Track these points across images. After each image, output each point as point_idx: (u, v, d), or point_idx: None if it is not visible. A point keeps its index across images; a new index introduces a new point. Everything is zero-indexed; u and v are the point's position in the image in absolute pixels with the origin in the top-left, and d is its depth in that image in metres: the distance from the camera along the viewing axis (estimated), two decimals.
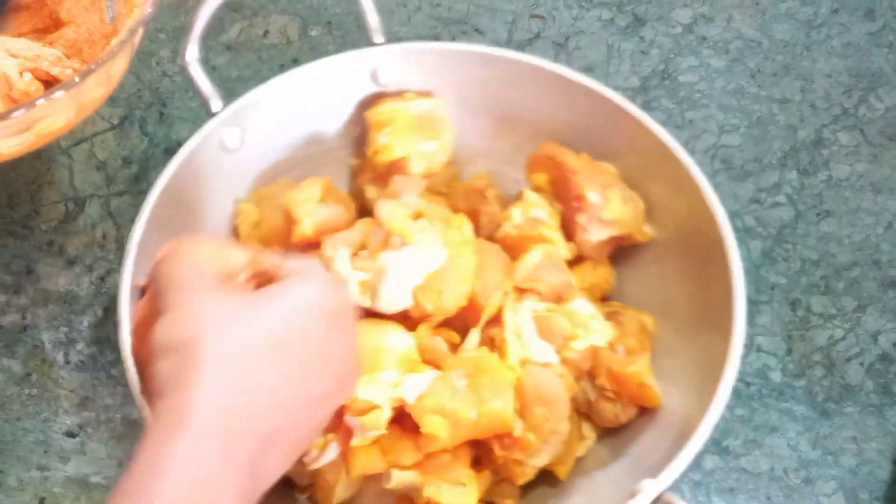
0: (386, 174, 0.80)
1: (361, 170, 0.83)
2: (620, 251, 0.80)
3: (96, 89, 0.78)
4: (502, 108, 0.84)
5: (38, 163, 0.90)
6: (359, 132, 0.84)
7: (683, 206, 0.77)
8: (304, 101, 0.82)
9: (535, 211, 0.78)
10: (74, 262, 0.86)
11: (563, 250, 0.77)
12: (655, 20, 1.00)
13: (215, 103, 0.79)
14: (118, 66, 0.79)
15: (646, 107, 0.92)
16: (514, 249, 0.77)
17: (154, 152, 0.91)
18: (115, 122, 0.93)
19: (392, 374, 0.70)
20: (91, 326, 0.83)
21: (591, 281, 0.78)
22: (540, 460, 0.72)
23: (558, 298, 0.75)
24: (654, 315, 0.78)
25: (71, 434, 0.79)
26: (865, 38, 0.99)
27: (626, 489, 0.67)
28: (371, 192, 0.81)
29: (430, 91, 0.83)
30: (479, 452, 0.72)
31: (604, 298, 0.80)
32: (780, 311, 0.85)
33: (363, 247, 0.74)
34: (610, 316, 0.76)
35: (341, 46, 0.96)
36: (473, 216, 0.78)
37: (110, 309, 0.84)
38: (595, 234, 0.77)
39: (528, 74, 0.81)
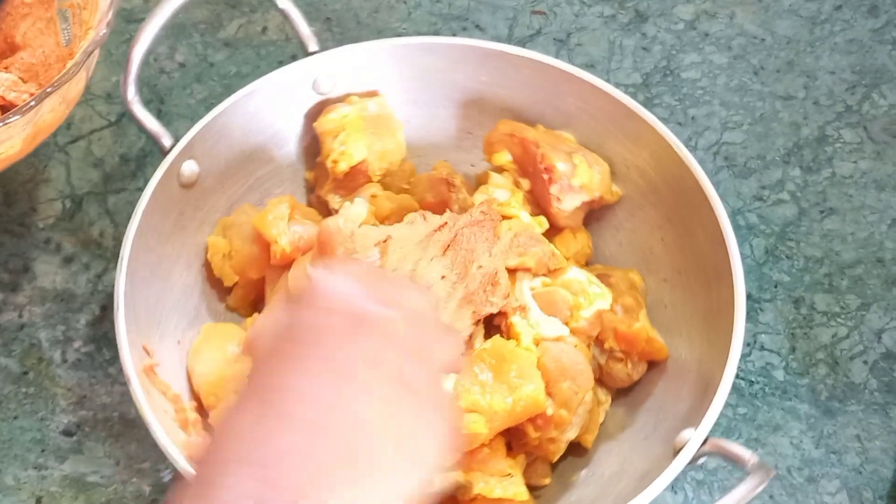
0: (346, 181, 0.80)
1: (319, 181, 0.82)
2: (590, 214, 0.81)
3: (53, 112, 0.77)
4: (445, 95, 0.84)
5: (35, 160, 0.90)
6: (308, 144, 0.83)
7: (647, 158, 0.79)
8: (250, 123, 0.80)
9: (496, 192, 0.78)
10: (72, 259, 0.85)
11: (533, 225, 0.78)
12: (657, 16, 0.99)
13: (166, 140, 0.77)
14: (75, 89, 0.79)
15: (648, 103, 0.92)
16: None
17: (152, 149, 0.91)
18: (112, 120, 0.92)
19: None
20: (88, 325, 0.83)
21: (575, 249, 0.79)
22: (571, 433, 0.72)
23: (548, 270, 0.75)
24: (643, 271, 0.79)
25: (68, 433, 0.79)
26: (869, 34, 0.98)
27: (657, 444, 0.70)
28: (335, 201, 0.80)
29: (373, 91, 0.82)
30: (510, 438, 0.73)
31: (586, 264, 0.80)
32: (784, 309, 0.84)
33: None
34: (600, 279, 0.77)
35: (340, 42, 0.95)
36: (442, 207, 0.78)
37: (107, 307, 0.83)
38: (569, 202, 0.78)
39: (470, 56, 0.82)
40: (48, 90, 0.73)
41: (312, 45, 0.81)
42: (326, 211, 0.80)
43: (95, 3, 0.82)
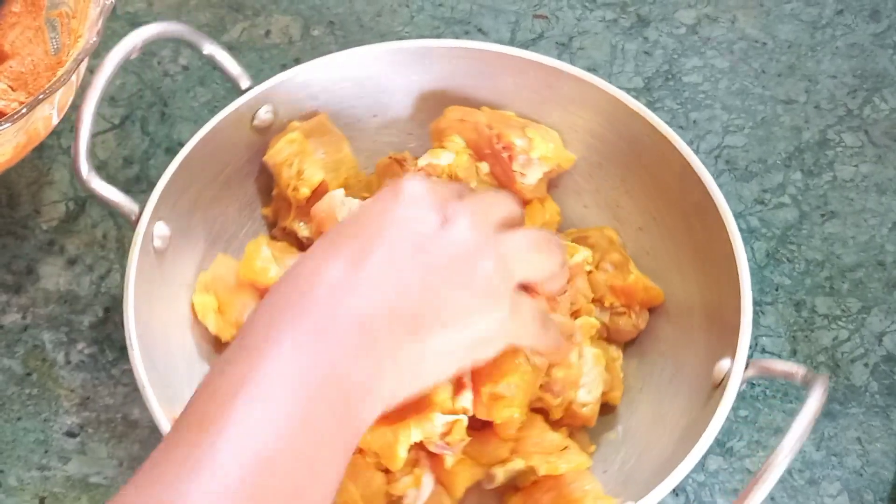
0: (309, 205, 0.79)
1: (280, 213, 0.81)
2: (549, 185, 0.82)
3: (44, 120, 0.77)
4: (375, 99, 0.84)
5: (38, 163, 0.90)
6: (260, 180, 0.82)
7: (593, 117, 0.81)
8: (203, 173, 0.78)
9: (440, 157, 0.79)
10: (75, 261, 0.86)
11: None
12: (659, 21, 0.99)
13: (130, 209, 0.75)
14: (66, 97, 0.79)
15: (650, 107, 0.91)
16: None
17: (155, 152, 0.91)
18: (116, 122, 0.93)
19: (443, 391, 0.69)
20: (91, 326, 0.83)
21: (546, 217, 0.81)
22: (594, 390, 0.74)
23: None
24: (615, 224, 0.82)
25: (71, 434, 0.79)
26: (870, 38, 0.98)
27: (686, 384, 0.72)
28: (304, 229, 0.79)
29: (313, 111, 0.82)
30: (545, 417, 0.74)
31: (557, 231, 0.82)
32: (785, 312, 0.84)
33: None
34: (578, 242, 0.78)
35: (343, 46, 0.96)
36: None
37: (111, 309, 0.83)
38: (532, 175, 0.79)
39: (396, 57, 0.82)
40: (40, 97, 0.73)
41: (245, 82, 0.80)
42: (297, 241, 0.80)
43: (84, 12, 0.82)
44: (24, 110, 0.73)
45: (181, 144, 0.77)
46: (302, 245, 0.80)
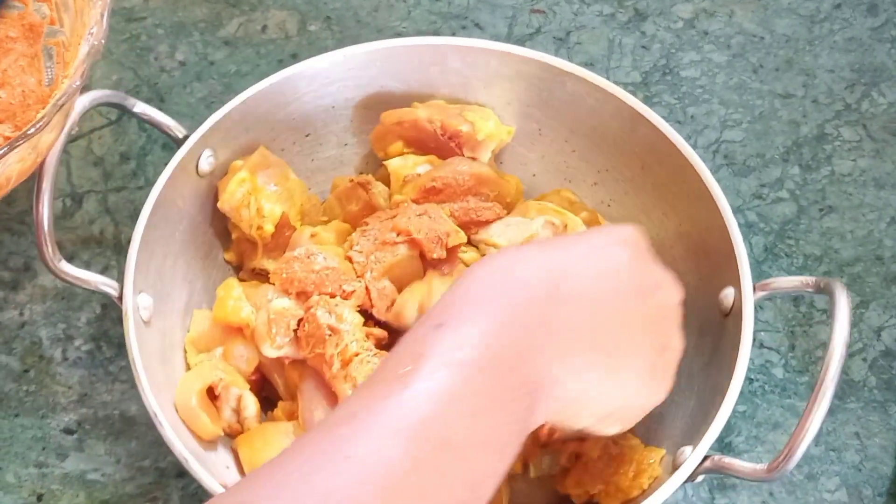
0: (274, 241, 0.78)
1: (246, 255, 0.80)
2: (494, 160, 0.83)
3: (22, 163, 0.73)
4: (304, 119, 0.83)
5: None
6: (217, 228, 0.81)
7: (520, 84, 0.82)
8: (160, 237, 0.76)
9: (417, 168, 0.80)
10: (73, 257, 0.85)
11: None
12: (657, 15, 0.99)
13: (109, 287, 0.73)
14: (48, 138, 0.74)
15: (647, 102, 0.92)
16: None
17: (152, 148, 0.91)
18: (112, 118, 0.92)
19: None
20: (89, 323, 0.83)
21: (513, 190, 0.81)
22: None
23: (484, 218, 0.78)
24: (568, 186, 0.83)
25: (69, 431, 0.79)
26: (868, 33, 0.98)
27: (691, 319, 0.70)
28: (271, 264, 0.78)
29: (254, 146, 0.80)
30: None
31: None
32: (783, 308, 0.84)
33: None
34: (542, 211, 0.78)
35: (340, 42, 0.96)
36: (371, 209, 0.79)
37: (108, 305, 0.83)
38: (483, 156, 0.81)
39: (316, 74, 0.81)
40: (9, 147, 0.68)
41: (180, 132, 0.78)
42: (267, 279, 0.79)
43: (76, 47, 0.78)
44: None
45: (176, 141, 0.77)
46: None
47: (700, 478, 0.67)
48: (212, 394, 0.74)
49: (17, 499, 0.76)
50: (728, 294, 0.73)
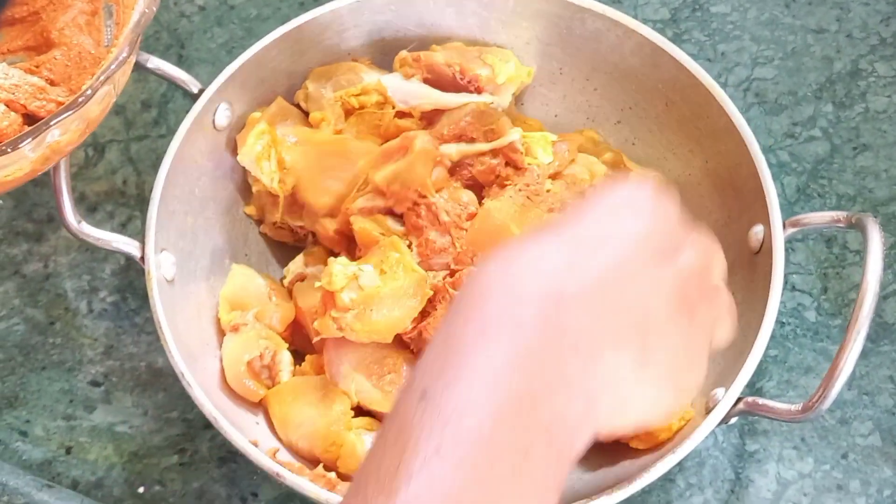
0: (292, 197, 0.77)
1: (267, 209, 0.79)
2: (515, 101, 0.82)
3: (69, 134, 0.70)
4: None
5: None
6: (237, 182, 0.80)
7: (540, 24, 0.81)
8: (180, 194, 0.76)
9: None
10: (95, 208, 0.85)
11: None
12: None
13: (130, 247, 0.73)
14: (97, 108, 0.70)
15: (676, 39, 0.89)
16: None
17: (173, 95, 0.90)
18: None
19: None
20: (113, 274, 0.83)
21: (537, 128, 0.80)
22: None
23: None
24: (592, 125, 0.83)
25: (96, 383, 0.79)
26: None
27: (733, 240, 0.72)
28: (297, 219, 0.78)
29: (271, 97, 0.79)
30: None
31: None
32: (816, 249, 0.83)
33: None
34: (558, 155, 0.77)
35: None
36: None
37: (132, 256, 0.83)
38: (504, 98, 0.80)
39: (331, 22, 0.80)
40: (51, 122, 0.65)
41: (195, 87, 0.77)
42: (290, 233, 0.79)
43: (131, 9, 0.73)
44: (28, 140, 0.65)
45: (200, 89, 0.76)
46: (297, 236, 0.79)
47: (733, 419, 0.66)
48: None
49: (47, 451, 0.76)
50: (758, 231, 0.72)
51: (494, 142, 0.75)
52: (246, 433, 0.67)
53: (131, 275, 0.82)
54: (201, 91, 0.76)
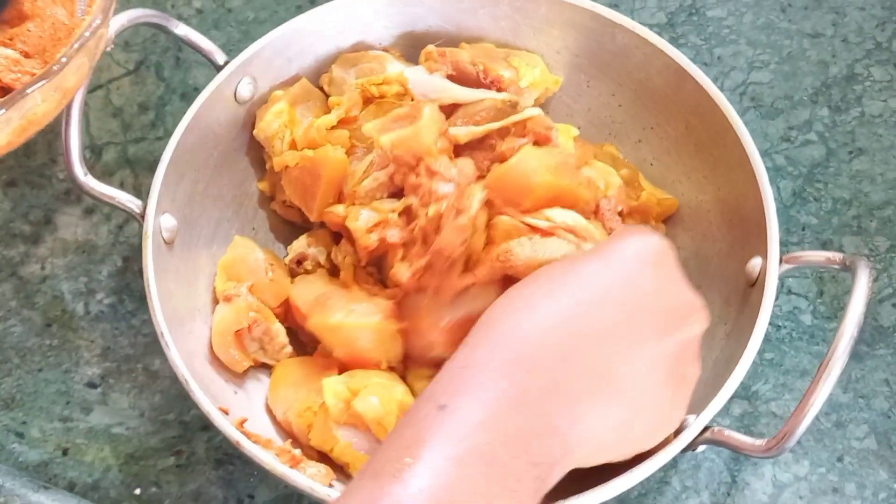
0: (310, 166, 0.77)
1: (277, 187, 0.79)
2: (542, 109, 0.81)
3: (46, 103, 0.69)
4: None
5: None
6: (252, 156, 0.81)
7: (574, 36, 0.81)
8: (193, 160, 0.76)
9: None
10: (93, 211, 0.85)
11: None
12: None
13: (133, 204, 0.74)
14: (73, 77, 0.70)
15: (673, 43, 0.89)
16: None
17: (171, 98, 0.90)
18: (130, 68, 0.92)
19: None
20: (110, 276, 0.83)
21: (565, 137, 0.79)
22: None
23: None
24: (613, 141, 0.82)
25: (92, 385, 0.79)
26: None
27: (717, 288, 0.73)
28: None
29: (292, 76, 0.80)
30: None
31: None
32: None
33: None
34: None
35: None
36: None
37: (130, 258, 0.83)
38: (525, 102, 0.79)
39: (365, 9, 0.81)
40: (27, 91, 0.65)
41: (220, 58, 0.78)
42: (299, 213, 0.78)
43: None
44: (2, 110, 0.65)
45: (196, 90, 0.77)
46: (305, 216, 0.79)
47: (700, 448, 0.66)
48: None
49: (43, 453, 0.76)
50: (755, 264, 0.71)
51: (511, 117, 0.74)
52: (220, 401, 0.68)
53: (128, 276, 0.82)
54: (226, 63, 0.77)
